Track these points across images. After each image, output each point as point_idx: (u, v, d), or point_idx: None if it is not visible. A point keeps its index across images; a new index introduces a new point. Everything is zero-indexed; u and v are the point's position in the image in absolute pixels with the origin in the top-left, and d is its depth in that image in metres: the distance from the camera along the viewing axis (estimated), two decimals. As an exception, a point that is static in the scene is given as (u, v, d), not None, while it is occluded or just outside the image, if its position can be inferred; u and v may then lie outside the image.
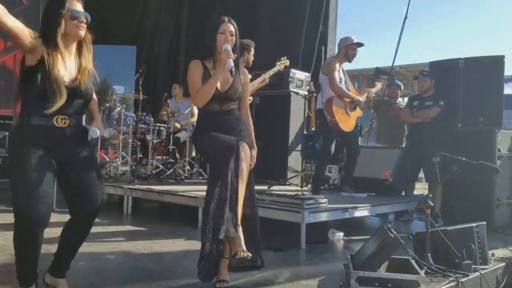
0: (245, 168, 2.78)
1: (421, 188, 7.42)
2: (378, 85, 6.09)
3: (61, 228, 2.64)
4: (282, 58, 6.06)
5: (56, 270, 2.64)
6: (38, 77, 2.31)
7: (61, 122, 2.40)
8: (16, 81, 2.50)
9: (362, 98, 5.59)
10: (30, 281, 2.48)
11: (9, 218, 4.90)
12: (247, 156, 2.83)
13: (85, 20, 2.46)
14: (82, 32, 2.46)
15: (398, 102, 6.86)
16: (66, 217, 2.61)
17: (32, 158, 2.32)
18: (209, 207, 2.80)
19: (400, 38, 7.88)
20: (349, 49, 5.46)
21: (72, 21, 2.42)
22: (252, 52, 5.74)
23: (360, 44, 5.48)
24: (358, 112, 5.58)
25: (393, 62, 7.88)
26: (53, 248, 2.67)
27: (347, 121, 5.43)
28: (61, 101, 2.33)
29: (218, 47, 2.95)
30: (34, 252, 2.43)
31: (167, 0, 10.89)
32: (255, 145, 3.05)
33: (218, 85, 2.95)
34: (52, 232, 2.74)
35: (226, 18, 3.02)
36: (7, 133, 7.90)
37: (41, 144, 2.37)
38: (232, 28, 3.00)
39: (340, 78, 5.44)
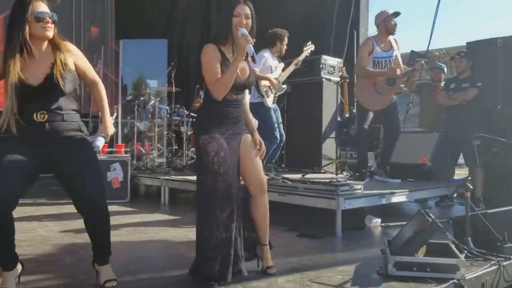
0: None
1: (462, 174, 7.23)
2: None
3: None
4: (308, 43, 6.00)
5: (96, 259, 2.73)
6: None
7: (40, 117, 2.44)
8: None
9: (394, 69, 5.29)
10: (9, 265, 2.54)
11: (51, 210, 5.14)
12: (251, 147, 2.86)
13: (50, 20, 2.48)
14: (49, 32, 2.48)
15: (441, 85, 6.68)
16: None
17: (6, 148, 2.39)
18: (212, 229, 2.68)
19: (434, 20, 7.65)
20: (387, 22, 5.32)
21: (37, 23, 2.45)
22: (285, 42, 5.70)
23: (396, 14, 5.33)
24: (396, 88, 5.32)
25: (428, 44, 7.65)
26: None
27: (376, 99, 5.29)
28: (9, 107, 2.37)
29: (233, 31, 2.74)
30: (4, 237, 2.47)
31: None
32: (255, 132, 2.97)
33: (239, 73, 2.75)
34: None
35: (241, 0, 2.78)
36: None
37: (21, 140, 2.41)
38: (247, 11, 2.76)
39: (386, 56, 5.30)
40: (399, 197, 4.80)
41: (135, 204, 5.79)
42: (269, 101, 5.66)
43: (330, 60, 6.83)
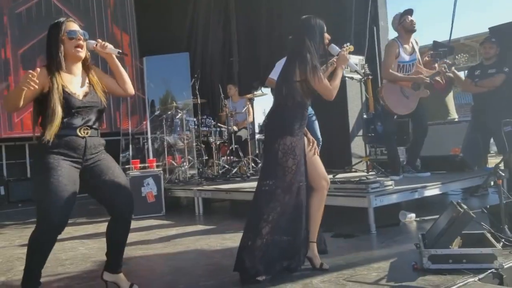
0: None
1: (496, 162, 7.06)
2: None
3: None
4: (345, 44, 5.91)
5: (112, 267, 2.84)
6: (47, 100, 2.54)
7: (84, 132, 2.62)
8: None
9: (424, 76, 5.30)
10: (36, 286, 2.63)
11: (89, 229, 5.29)
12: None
13: (82, 37, 2.68)
14: (81, 53, 2.68)
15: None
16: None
17: (57, 167, 2.52)
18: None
19: (454, 9, 7.52)
20: (402, 22, 5.28)
21: (70, 41, 2.64)
22: None
23: (408, 11, 5.30)
24: (422, 93, 5.29)
25: (450, 34, 7.54)
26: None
27: (404, 104, 5.27)
28: (57, 120, 2.52)
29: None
30: (44, 257, 2.61)
31: (215, 3, 11.06)
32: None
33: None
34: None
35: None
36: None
37: (65, 153, 2.57)
38: None
39: (411, 60, 5.29)
40: (432, 190, 4.74)
41: (171, 217, 5.90)
42: None
43: (352, 58, 6.75)
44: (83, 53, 2.70)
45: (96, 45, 2.73)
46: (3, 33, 9.19)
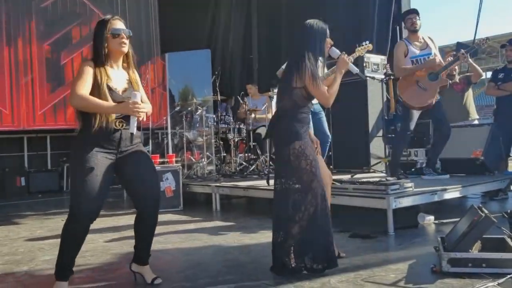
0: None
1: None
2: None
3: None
4: (364, 43, 5.87)
5: (138, 259, 2.95)
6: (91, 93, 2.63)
7: (119, 125, 2.71)
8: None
9: (433, 58, 5.22)
10: (67, 276, 2.70)
11: (109, 222, 5.36)
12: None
13: (125, 36, 2.77)
14: (125, 48, 2.79)
15: (456, 76, 6.57)
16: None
17: (92, 158, 2.61)
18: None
19: (480, 9, 7.41)
20: (405, 23, 5.41)
21: (114, 39, 2.74)
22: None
23: (408, 11, 5.35)
24: (441, 82, 5.22)
25: (475, 35, 7.43)
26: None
27: (421, 96, 5.22)
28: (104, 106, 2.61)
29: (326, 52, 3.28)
30: (77, 246, 2.69)
31: (236, 4, 11.09)
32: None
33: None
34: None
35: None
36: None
37: (101, 145, 2.66)
38: None
39: (424, 54, 5.25)
40: (452, 193, 4.70)
41: (188, 212, 5.95)
42: None
43: (373, 58, 6.77)
44: (126, 48, 2.79)
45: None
46: (29, 26, 9.36)
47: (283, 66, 5.56)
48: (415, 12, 5.33)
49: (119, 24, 2.78)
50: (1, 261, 3.75)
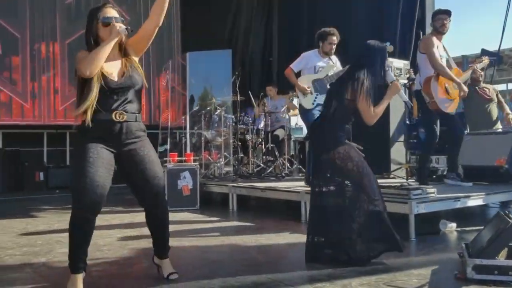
0: None
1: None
2: (485, 60, 5.66)
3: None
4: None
5: (157, 253, 2.93)
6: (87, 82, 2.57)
7: (119, 117, 2.62)
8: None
9: (464, 77, 5.25)
10: (80, 268, 2.64)
11: (126, 218, 5.37)
12: None
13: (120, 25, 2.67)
14: (118, 36, 2.66)
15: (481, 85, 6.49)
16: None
17: (92, 150, 2.55)
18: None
19: (506, 16, 7.29)
20: (435, 21, 5.24)
21: (105, 28, 2.66)
22: (331, 41, 5.40)
23: (440, 11, 5.23)
24: (464, 91, 5.16)
25: (500, 42, 7.31)
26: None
27: (447, 102, 5.14)
28: (92, 96, 2.53)
29: None
30: (86, 238, 2.62)
31: (257, 3, 11.09)
32: None
33: None
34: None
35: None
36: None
37: (102, 138, 2.59)
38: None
39: (441, 56, 5.18)
40: (475, 201, 4.60)
41: (205, 211, 5.93)
42: (306, 102, 5.45)
43: (396, 62, 6.66)
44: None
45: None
46: (52, 23, 9.47)
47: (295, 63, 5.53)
48: (447, 13, 5.20)
49: (110, 12, 2.70)
50: (19, 252, 3.76)
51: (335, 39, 5.39)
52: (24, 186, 8.97)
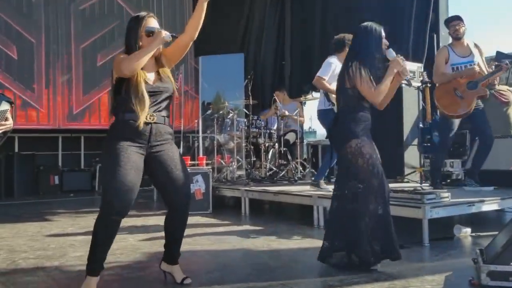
0: None
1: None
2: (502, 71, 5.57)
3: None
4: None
5: (168, 259, 2.92)
6: (124, 85, 2.64)
7: (150, 118, 2.68)
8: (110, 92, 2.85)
9: (473, 67, 5.13)
10: (98, 270, 2.67)
11: (138, 221, 5.39)
12: None
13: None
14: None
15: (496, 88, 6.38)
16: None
17: (122, 152, 2.60)
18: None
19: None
20: (449, 29, 5.30)
21: (148, 37, 2.74)
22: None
23: (452, 18, 5.27)
24: (479, 91, 5.07)
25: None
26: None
27: (457, 104, 5.10)
28: (143, 104, 2.61)
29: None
30: (109, 240, 2.67)
31: (270, 8, 11.09)
32: None
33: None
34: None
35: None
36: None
37: (132, 139, 2.64)
38: None
39: (466, 62, 5.19)
40: (490, 205, 4.53)
41: (217, 215, 5.93)
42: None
43: (409, 65, 6.60)
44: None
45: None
46: (67, 28, 9.59)
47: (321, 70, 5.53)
48: (458, 19, 5.23)
49: (154, 23, 2.79)
50: (33, 256, 3.79)
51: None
52: (39, 190, 9.06)
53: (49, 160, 9.76)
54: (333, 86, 5.36)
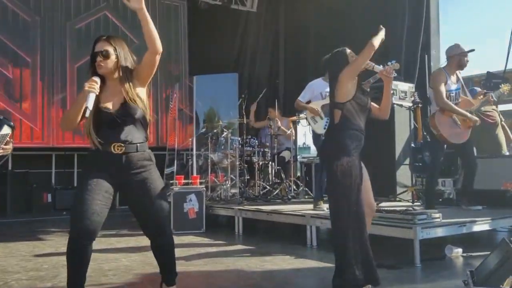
0: None
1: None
2: (505, 88, 5.65)
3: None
4: (389, 62, 5.79)
5: (165, 280, 2.90)
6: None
7: (118, 149, 2.60)
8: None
9: (475, 107, 5.32)
10: None
11: (131, 242, 5.38)
12: None
13: (101, 58, 2.64)
14: (101, 69, 2.64)
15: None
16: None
17: (91, 178, 2.57)
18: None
19: (511, 39, 7.32)
20: (462, 57, 5.26)
21: (94, 62, 2.65)
22: None
23: (471, 51, 5.29)
24: (473, 121, 5.22)
25: (506, 64, 7.33)
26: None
27: (457, 134, 5.20)
28: (95, 141, 2.59)
29: None
30: (80, 266, 2.58)
31: (264, 25, 11.23)
32: None
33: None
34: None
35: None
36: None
37: (102, 169, 2.61)
38: None
39: (456, 88, 5.29)
40: (481, 226, 4.57)
41: (210, 234, 5.93)
42: (317, 127, 5.57)
43: (401, 85, 6.71)
44: (102, 69, 2.64)
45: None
46: (63, 47, 9.65)
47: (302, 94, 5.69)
48: (470, 51, 5.31)
49: (98, 46, 2.67)
50: (25, 277, 3.78)
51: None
52: (32, 208, 9.02)
53: (42, 178, 9.72)
54: (315, 105, 5.57)
